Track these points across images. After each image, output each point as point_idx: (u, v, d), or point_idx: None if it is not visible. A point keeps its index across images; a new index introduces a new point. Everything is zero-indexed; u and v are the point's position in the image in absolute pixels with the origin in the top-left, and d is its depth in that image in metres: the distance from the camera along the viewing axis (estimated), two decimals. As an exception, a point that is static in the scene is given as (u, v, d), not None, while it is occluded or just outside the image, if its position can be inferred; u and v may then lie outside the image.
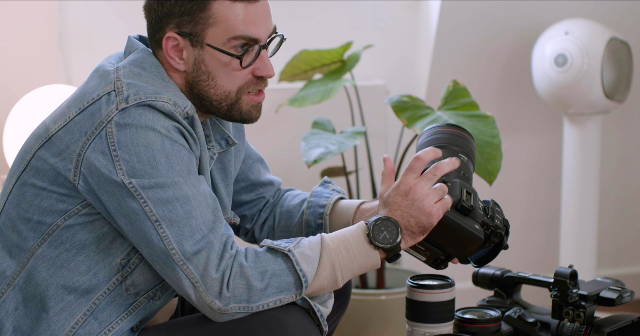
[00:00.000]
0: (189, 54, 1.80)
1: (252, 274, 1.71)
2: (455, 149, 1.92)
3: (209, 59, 1.79)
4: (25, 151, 1.82)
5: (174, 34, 1.79)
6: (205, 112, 1.85)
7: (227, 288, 1.70)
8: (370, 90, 3.28)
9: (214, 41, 1.78)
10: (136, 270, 1.79)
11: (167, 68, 1.82)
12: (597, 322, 2.01)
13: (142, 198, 1.69)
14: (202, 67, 1.80)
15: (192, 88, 1.82)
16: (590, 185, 3.31)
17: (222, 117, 1.85)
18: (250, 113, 1.85)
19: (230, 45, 1.78)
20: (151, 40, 1.84)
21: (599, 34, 3.17)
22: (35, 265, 1.78)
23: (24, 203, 1.79)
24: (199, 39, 1.78)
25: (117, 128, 1.71)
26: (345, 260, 1.77)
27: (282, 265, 1.74)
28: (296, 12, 3.29)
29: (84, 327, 1.77)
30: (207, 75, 1.80)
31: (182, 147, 1.73)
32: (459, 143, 1.93)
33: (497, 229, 1.85)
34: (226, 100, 1.82)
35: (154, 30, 1.82)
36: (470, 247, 1.84)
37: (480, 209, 1.85)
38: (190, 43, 1.79)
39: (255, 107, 1.85)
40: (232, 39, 1.78)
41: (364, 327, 2.99)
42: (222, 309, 1.70)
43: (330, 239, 1.78)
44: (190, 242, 1.69)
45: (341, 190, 2.08)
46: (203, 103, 1.83)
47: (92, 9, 3.10)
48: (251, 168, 2.08)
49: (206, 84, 1.81)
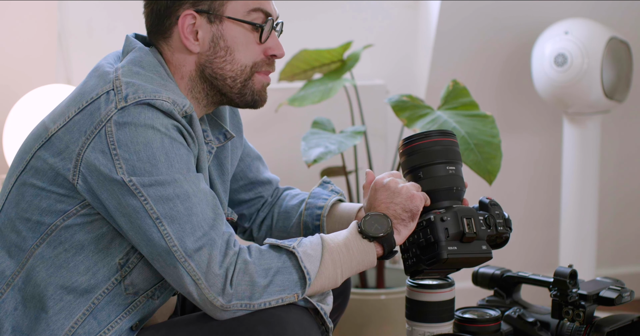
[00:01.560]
0: (205, 33, 1.82)
1: (256, 271, 1.71)
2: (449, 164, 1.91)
3: (229, 33, 1.83)
4: (25, 151, 1.82)
5: (192, 11, 1.81)
6: (212, 100, 1.87)
7: (230, 284, 1.70)
8: (370, 89, 3.28)
9: (234, 14, 1.82)
10: (135, 270, 1.79)
11: (171, 60, 1.83)
12: (597, 322, 2.01)
13: (142, 196, 1.70)
14: (221, 42, 1.83)
15: (204, 70, 1.84)
16: (590, 184, 3.31)
17: (233, 99, 1.87)
18: (261, 94, 1.88)
19: (250, 18, 1.83)
20: (156, 33, 1.84)
21: (598, 34, 3.17)
22: (34, 265, 1.78)
23: (23, 203, 1.79)
24: (219, 13, 1.81)
25: (116, 127, 1.71)
26: (345, 258, 1.78)
27: (286, 262, 1.74)
28: (296, 11, 3.30)
29: (83, 327, 1.77)
30: (226, 50, 1.83)
31: (181, 145, 1.74)
32: (444, 155, 1.91)
33: (503, 235, 1.87)
34: (241, 76, 1.85)
35: (162, 18, 1.83)
36: (481, 263, 1.88)
37: (483, 224, 1.85)
38: (207, 20, 1.82)
39: (264, 88, 1.89)
40: (252, 11, 1.83)
41: (363, 327, 2.99)
42: (224, 306, 1.70)
43: (330, 239, 1.79)
44: (191, 238, 1.69)
45: (340, 190, 2.08)
46: (215, 85, 1.85)
47: (91, 8, 3.10)
48: (250, 166, 2.08)
49: (223, 60, 1.83)
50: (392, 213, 1.83)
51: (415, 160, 1.89)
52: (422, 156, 1.89)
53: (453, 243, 1.82)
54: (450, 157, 1.90)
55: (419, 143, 1.90)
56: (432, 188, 1.87)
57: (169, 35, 1.83)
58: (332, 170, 3.10)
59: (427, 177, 1.88)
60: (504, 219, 1.88)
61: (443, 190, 1.87)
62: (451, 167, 1.89)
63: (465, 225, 1.83)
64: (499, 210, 1.89)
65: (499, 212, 1.88)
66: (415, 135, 1.91)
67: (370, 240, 1.80)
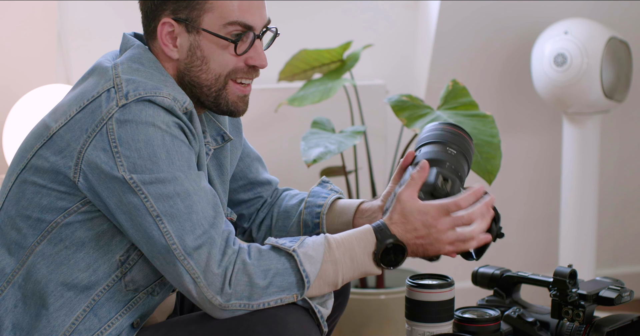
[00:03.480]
0: (183, 41, 1.81)
1: (255, 272, 1.71)
2: (452, 147, 1.92)
3: (205, 44, 1.81)
4: (25, 149, 1.82)
5: (170, 19, 1.80)
6: (196, 104, 1.86)
7: (229, 284, 1.70)
8: (369, 89, 3.28)
9: (210, 27, 1.80)
10: (135, 267, 1.79)
11: (161, 59, 1.84)
12: (597, 321, 2.01)
13: (143, 193, 1.70)
14: (198, 52, 1.81)
15: (183, 77, 1.83)
16: (589, 184, 3.31)
17: (211, 107, 1.86)
18: (236, 105, 1.86)
19: (225, 31, 1.80)
20: (146, 32, 1.85)
21: (598, 34, 3.17)
22: (34, 262, 1.78)
23: (24, 200, 1.79)
24: (195, 24, 1.80)
25: (117, 125, 1.71)
26: (348, 268, 1.78)
27: (285, 264, 1.74)
28: (296, 11, 3.30)
29: (83, 323, 1.78)
30: (202, 60, 1.82)
31: (182, 142, 1.74)
32: (456, 141, 1.93)
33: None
34: (216, 85, 1.83)
35: (149, 20, 1.83)
36: None
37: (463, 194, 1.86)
38: (185, 29, 1.80)
39: (242, 99, 1.86)
40: (228, 25, 1.80)
41: (363, 327, 3.00)
42: (223, 305, 1.70)
43: (336, 245, 1.77)
44: (191, 236, 1.70)
45: (339, 189, 2.08)
46: (194, 92, 1.84)
47: (91, 8, 3.10)
48: (249, 166, 2.08)
49: (199, 69, 1.82)
50: (413, 249, 1.80)
51: (440, 136, 1.92)
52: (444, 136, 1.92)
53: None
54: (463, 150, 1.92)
55: (461, 132, 1.94)
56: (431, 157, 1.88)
57: (155, 37, 1.84)
58: (332, 170, 3.10)
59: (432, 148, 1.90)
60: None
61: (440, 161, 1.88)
62: (452, 150, 1.91)
63: (440, 179, 1.85)
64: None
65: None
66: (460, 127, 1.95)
67: (377, 265, 1.80)
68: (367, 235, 1.79)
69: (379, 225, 1.80)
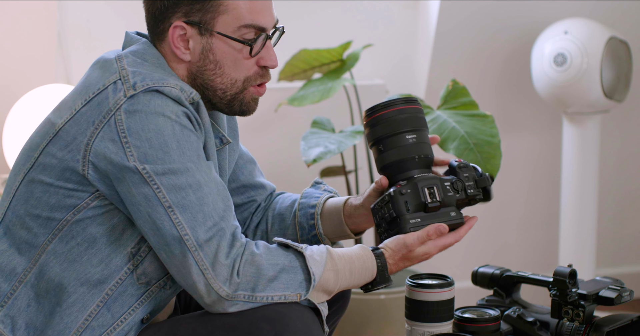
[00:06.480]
0: (195, 43, 1.81)
1: (264, 264, 1.72)
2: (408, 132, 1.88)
3: (218, 47, 1.80)
4: (31, 148, 1.82)
5: (182, 22, 1.79)
6: (206, 104, 1.86)
7: (237, 274, 1.70)
8: (369, 89, 3.29)
9: (224, 29, 1.79)
10: (147, 259, 1.79)
11: (169, 60, 1.83)
12: (597, 321, 2.01)
13: (155, 184, 1.70)
14: (210, 55, 1.81)
15: (195, 79, 1.83)
16: (589, 184, 3.31)
17: (221, 108, 1.86)
18: (249, 105, 1.87)
19: (239, 33, 1.80)
20: (152, 33, 1.84)
21: (598, 34, 3.17)
22: (47, 260, 1.78)
23: (32, 200, 1.79)
24: (209, 27, 1.79)
25: (126, 115, 1.71)
26: (346, 280, 1.81)
27: (293, 261, 1.75)
28: (296, 11, 3.30)
29: (97, 319, 1.78)
30: (215, 64, 1.81)
31: (191, 132, 1.74)
32: (405, 123, 1.88)
33: (475, 197, 1.87)
34: (231, 89, 1.83)
35: (157, 21, 1.82)
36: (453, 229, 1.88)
37: (450, 190, 1.85)
38: (198, 32, 1.80)
39: (255, 100, 1.87)
40: (242, 27, 1.80)
41: (363, 327, 2.99)
42: (229, 295, 1.70)
43: (337, 257, 1.81)
44: (203, 228, 1.70)
45: (332, 189, 2.07)
46: (206, 94, 1.84)
47: (91, 8, 3.10)
48: (242, 169, 2.07)
49: (213, 73, 1.82)
50: (395, 269, 1.86)
51: (378, 131, 1.88)
52: (384, 127, 1.88)
53: (416, 215, 1.83)
54: (413, 125, 1.88)
55: (381, 113, 1.89)
56: (396, 159, 1.87)
57: (164, 39, 1.83)
58: (332, 169, 3.10)
59: (389, 149, 1.87)
60: (474, 181, 1.87)
61: (407, 160, 1.86)
62: (411, 135, 1.87)
63: (427, 194, 1.82)
64: (469, 172, 1.87)
65: (468, 174, 1.87)
66: (378, 105, 1.89)
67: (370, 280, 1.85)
68: (371, 264, 1.84)
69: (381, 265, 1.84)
